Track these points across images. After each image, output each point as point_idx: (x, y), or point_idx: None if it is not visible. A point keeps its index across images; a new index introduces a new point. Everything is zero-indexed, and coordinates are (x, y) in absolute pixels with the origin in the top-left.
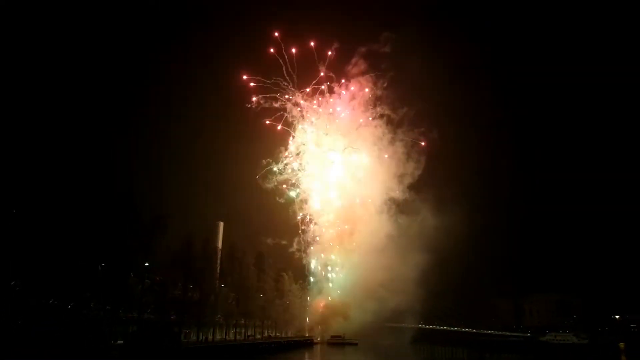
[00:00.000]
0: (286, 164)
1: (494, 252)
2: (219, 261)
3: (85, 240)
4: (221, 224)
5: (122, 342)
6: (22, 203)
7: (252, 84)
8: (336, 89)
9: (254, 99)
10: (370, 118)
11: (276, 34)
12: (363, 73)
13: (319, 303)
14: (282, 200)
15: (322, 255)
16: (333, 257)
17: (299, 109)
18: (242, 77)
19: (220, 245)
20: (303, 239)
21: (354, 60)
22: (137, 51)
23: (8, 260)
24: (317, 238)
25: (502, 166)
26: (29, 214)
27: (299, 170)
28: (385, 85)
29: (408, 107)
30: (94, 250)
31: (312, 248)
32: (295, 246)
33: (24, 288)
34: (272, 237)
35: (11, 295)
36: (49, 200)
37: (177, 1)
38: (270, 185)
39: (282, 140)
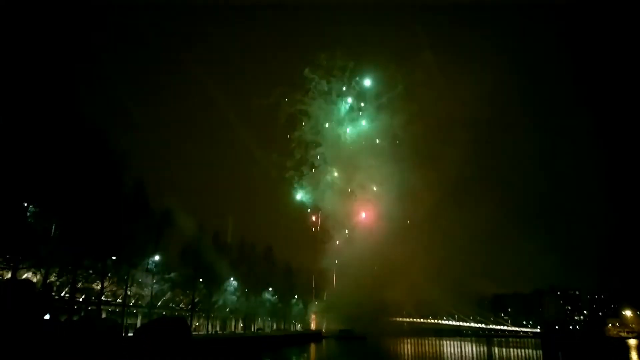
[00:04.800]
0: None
1: (504, 248)
2: (228, 255)
3: (95, 233)
4: (230, 218)
5: (132, 334)
6: (30, 195)
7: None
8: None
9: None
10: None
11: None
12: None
13: (328, 297)
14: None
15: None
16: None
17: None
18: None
19: (229, 239)
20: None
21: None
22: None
23: (16, 253)
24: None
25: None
26: (37, 206)
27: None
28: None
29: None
30: (104, 243)
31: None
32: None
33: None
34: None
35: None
36: (56, 193)
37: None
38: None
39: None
